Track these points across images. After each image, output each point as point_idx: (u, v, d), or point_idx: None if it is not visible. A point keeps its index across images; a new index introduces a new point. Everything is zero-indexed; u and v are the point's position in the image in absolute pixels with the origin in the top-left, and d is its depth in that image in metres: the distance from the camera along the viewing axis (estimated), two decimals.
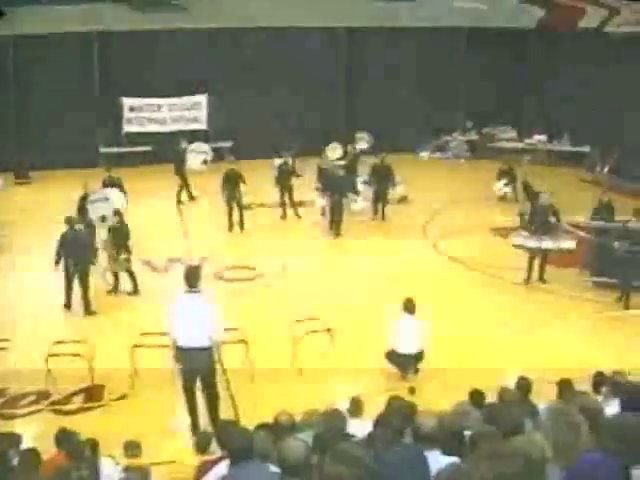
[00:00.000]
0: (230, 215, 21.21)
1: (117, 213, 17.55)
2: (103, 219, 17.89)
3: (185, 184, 23.67)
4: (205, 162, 24.85)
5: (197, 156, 24.92)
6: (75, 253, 15.84)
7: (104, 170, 21.20)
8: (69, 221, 16.15)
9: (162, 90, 27.41)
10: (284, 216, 22.20)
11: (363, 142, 25.14)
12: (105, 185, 19.91)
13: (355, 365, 13.12)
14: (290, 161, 22.41)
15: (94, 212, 18.03)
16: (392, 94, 29.11)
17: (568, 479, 5.04)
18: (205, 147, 25.30)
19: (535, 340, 14.34)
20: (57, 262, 15.86)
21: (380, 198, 22.10)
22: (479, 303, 16.16)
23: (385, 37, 29.09)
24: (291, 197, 22.22)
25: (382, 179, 22.05)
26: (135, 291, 16.97)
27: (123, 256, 16.92)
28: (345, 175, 21.85)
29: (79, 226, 16.44)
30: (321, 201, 21.72)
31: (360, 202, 22.07)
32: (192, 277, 11.08)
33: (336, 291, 16.63)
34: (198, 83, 27.50)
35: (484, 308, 15.87)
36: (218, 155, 25.89)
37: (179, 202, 23.46)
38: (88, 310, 15.80)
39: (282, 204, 22.19)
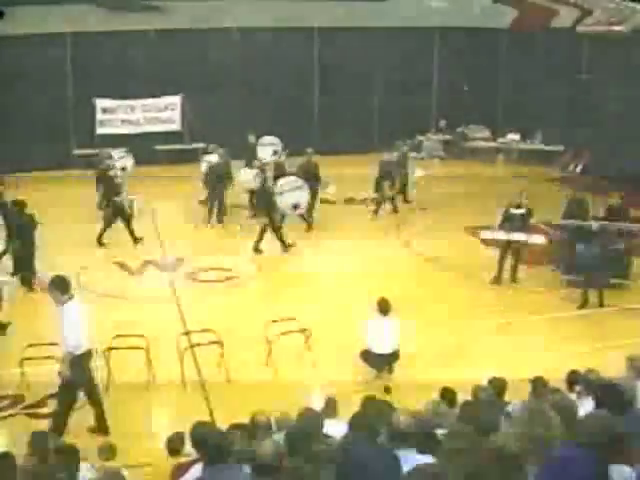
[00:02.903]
0: (211, 211, 21.38)
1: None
2: (295, 207, 20.01)
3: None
4: (275, 153, 24.76)
5: (266, 148, 24.94)
6: None
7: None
8: None
9: (135, 91, 27.34)
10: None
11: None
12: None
13: (330, 365, 13.16)
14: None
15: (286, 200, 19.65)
16: (365, 94, 29.18)
17: (543, 474, 5.07)
18: (274, 139, 25.28)
19: (509, 339, 14.40)
20: None
21: (312, 198, 21.38)
22: (453, 302, 16.20)
23: (357, 37, 29.12)
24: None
25: (311, 178, 21.29)
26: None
27: None
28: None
29: None
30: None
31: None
32: (59, 285, 10.82)
33: (311, 291, 16.64)
34: (171, 84, 27.43)
35: (458, 307, 15.91)
36: (193, 155, 25.85)
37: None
38: None
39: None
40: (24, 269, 16.89)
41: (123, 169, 22.89)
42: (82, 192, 22.01)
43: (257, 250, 19.29)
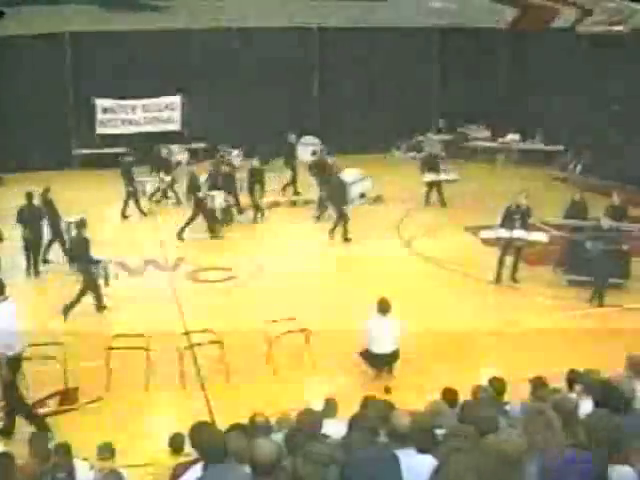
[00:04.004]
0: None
1: None
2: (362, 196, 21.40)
3: (294, 177, 23.89)
4: (314, 153, 24.88)
5: (307, 148, 25.03)
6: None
7: None
8: None
9: (135, 91, 27.33)
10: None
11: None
12: None
13: (330, 365, 13.16)
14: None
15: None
16: (365, 94, 29.18)
17: (543, 475, 5.07)
18: (314, 139, 25.40)
19: (509, 338, 14.39)
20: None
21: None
22: (453, 302, 16.20)
23: (358, 37, 29.14)
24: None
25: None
26: None
27: None
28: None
29: None
30: None
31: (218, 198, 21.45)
32: None
33: (311, 291, 16.63)
34: (171, 84, 27.43)
35: (459, 307, 15.91)
36: (193, 156, 25.86)
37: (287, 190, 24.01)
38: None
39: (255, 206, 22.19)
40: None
41: (178, 163, 24.22)
42: (83, 192, 22.02)
43: (347, 239, 20.22)
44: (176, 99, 28.14)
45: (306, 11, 27.14)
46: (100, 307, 15.86)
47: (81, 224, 16.11)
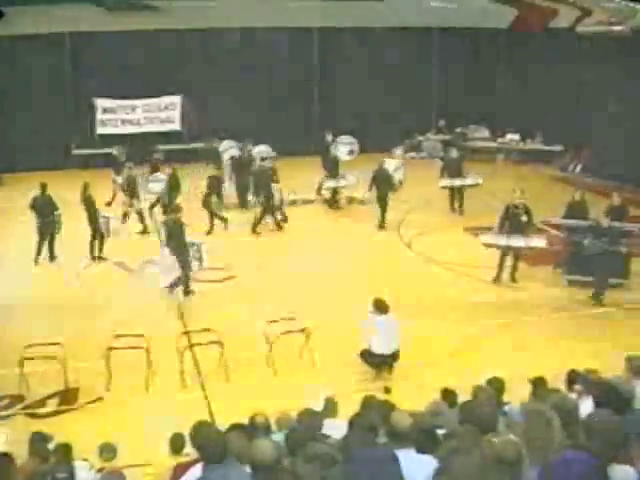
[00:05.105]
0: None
1: None
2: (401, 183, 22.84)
3: (331, 175, 23.76)
4: (351, 152, 24.94)
5: (344, 147, 25.10)
6: None
7: None
8: None
9: (135, 91, 27.34)
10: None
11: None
12: None
13: (330, 365, 13.15)
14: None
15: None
16: (364, 94, 29.19)
17: (543, 477, 5.07)
18: (350, 138, 25.48)
19: (509, 339, 14.39)
20: None
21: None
22: (453, 302, 16.20)
23: (357, 37, 29.16)
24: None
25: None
26: None
27: None
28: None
29: None
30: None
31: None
32: None
33: (310, 291, 16.63)
34: (171, 84, 27.43)
35: (458, 307, 15.91)
36: (193, 157, 25.87)
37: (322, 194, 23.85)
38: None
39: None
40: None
41: (232, 158, 24.31)
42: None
43: (382, 227, 21.42)
44: (176, 99, 28.14)
45: (306, 11, 27.14)
46: (187, 291, 16.51)
47: (177, 209, 17.07)
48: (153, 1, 26.12)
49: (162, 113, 28.26)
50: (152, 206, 21.65)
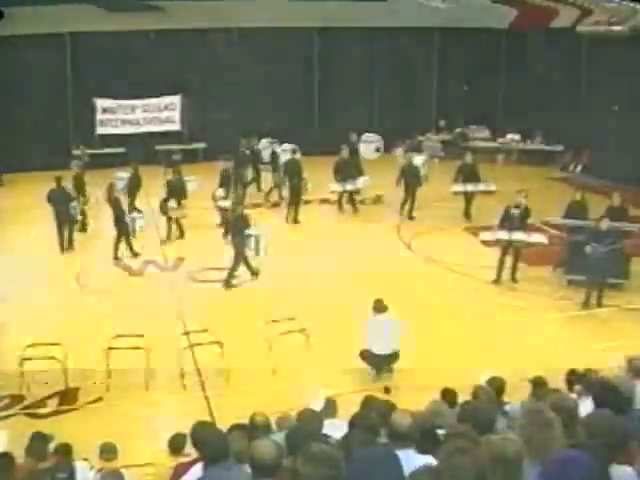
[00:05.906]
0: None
1: None
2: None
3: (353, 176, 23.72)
4: (378, 150, 25.00)
5: (369, 145, 25.13)
6: None
7: None
8: None
9: (135, 91, 27.32)
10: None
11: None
12: None
13: (330, 365, 13.15)
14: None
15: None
16: (364, 94, 29.18)
17: (543, 476, 5.06)
18: (375, 137, 25.52)
19: (508, 339, 14.39)
20: None
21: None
22: (453, 302, 16.21)
23: (357, 37, 29.14)
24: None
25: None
26: None
27: None
28: None
29: None
30: None
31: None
32: None
33: (310, 291, 16.62)
34: (171, 84, 27.42)
35: (458, 307, 15.92)
36: (192, 156, 25.83)
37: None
38: None
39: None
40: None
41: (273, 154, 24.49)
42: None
43: (412, 217, 22.11)
44: (176, 99, 28.12)
45: (306, 11, 27.13)
46: (254, 274, 17.56)
47: (239, 201, 18.02)
48: (154, 1, 26.12)
49: (162, 113, 28.24)
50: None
